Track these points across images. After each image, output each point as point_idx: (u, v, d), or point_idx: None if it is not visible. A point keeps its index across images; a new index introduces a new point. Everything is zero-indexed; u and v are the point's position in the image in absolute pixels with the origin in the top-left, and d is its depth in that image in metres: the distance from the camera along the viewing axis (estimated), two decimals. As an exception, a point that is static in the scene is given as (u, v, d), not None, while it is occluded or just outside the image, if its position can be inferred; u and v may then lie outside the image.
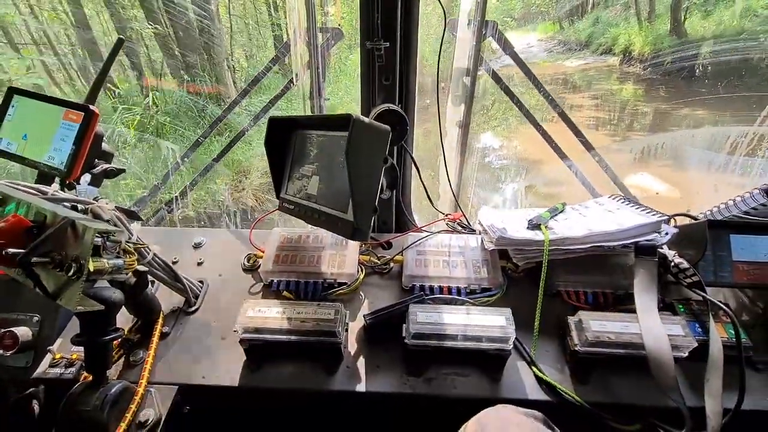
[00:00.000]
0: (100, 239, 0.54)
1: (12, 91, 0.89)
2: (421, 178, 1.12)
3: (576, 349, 0.83)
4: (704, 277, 0.90)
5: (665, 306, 0.94)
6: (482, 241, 1.08)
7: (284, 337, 0.85)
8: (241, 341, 0.86)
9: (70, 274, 0.51)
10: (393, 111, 0.96)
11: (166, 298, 1.00)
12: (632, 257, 0.95)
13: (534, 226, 1.02)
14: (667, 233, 0.94)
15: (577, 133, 1.19)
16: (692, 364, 0.81)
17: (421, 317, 0.85)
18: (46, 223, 0.55)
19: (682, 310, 0.92)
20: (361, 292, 1.03)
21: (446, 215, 1.18)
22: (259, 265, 1.07)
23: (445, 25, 1.07)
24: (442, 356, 0.84)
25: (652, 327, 0.80)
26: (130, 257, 0.62)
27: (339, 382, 0.86)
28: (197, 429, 0.93)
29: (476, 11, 1.05)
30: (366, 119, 0.74)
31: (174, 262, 1.12)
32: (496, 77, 1.13)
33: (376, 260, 1.09)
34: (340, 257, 1.05)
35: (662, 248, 0.97)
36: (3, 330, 0.90)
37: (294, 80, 1.20)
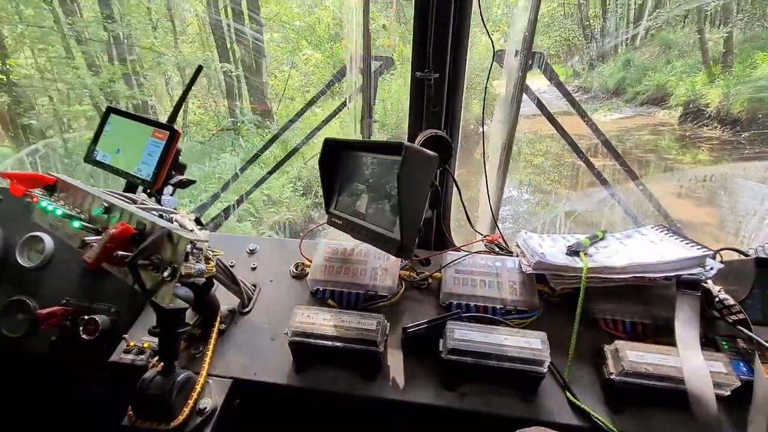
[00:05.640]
0: (189, 247, 0.63)
1: (109, 110, 1.03)
2: (462, 199, 1.17)
3: (612, 377, 0.84)
4: (751, 315, 0.89)
5: (708, 341, 0.93)
6: (520, 263, 1.11)
7: (329, 342, 0.92)
8: (290, 343, 0.94)
9: (165, 275, 0.61)
10: (440, 137, 1.02)
11: (223, 299, 1.10)
12: (674, 289, 0.94)
13: (573, 252, 1.04)
14: (712, 268, 0.93)
15: (622, 162, 1.20)
16: (735, 404, 0.80)
17: (458, 334, 0.89)
18: (146, 231, 0.65)
19: (725, 346, 0.91)
20: (400, 305, 1.09)
21: (484, 236, 1.22)
22: (307, 274, 1.15)
23: (493, 57, 1.12)
24: (477, 373, 0.88)
25: (693, 362, 0.80)
26: (210, 263, 0.72)
27: (377, 388, 0.92)
28: (244, 421, 1.01)
29: (523, 43, 1.10)
30: (417, 147, 0.81)
31: (231, 266, 1.22)
32: (540, 105, 1.17)
33: (415, 276, 1.14)
34: (382, 271, 1.11)
35: (706, 283, 0.96)
36: (87, 317, 1.04)
37: (347, 102, 1.29)
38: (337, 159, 1.08)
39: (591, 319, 1.00)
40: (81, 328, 1.02)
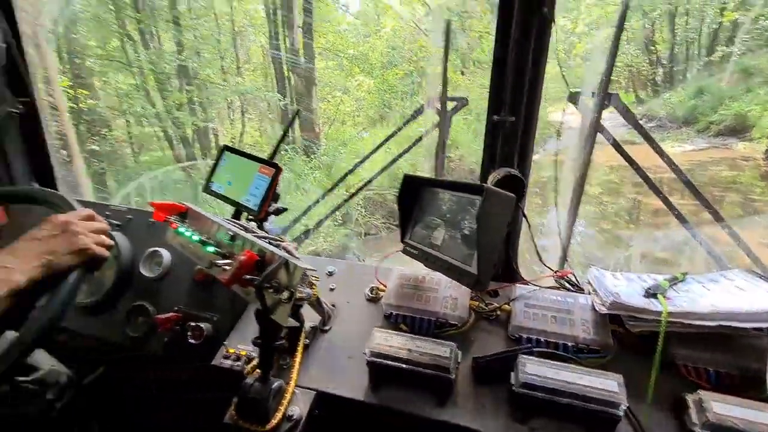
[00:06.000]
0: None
1: (224, 149, 1.21)
2: (532, 235, 1.21)
3: (694, 430, 0.82)
4: None
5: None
6: (593, 301, 1.11)
7: (404, 365, 0.99)
8: (369, 363, 1.02)
9: (284, 298, 0.73)
10: (513, 176, 1.08)
11: (306, 316, 1.22)
12: (767, 341, 0.90)
13: (651, 294, 1.03)
14: (811, 321, 0.88)
15: (707, 204, 1.16)
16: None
17: (530, 368, 0.92)
18: (266, 258, 0.78)
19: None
20: (469, 334, 1.13)
21: (555, 271, 1.24)
22: (381, 298, 1.24)
23: (569, 98, 1.17)
24: (549, 409, 0.90)
25: (789, 421, 0.76)
26: (314, 288, 0.83)
27: (448, 414, 0.97)
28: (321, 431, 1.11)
29: (600, 85, 1.14)
30: (496, 189, 0.87)
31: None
32: (616, 144, 1.18)
33: (484, 306, 1.19)
34: (452, 300, 1.17)
35: (806, 336, 0.90)
36: (194, 324, 1.20)
37: (423, 137, 1.40)
38: (415, 194, 1.18)
39: (670, 363, 0.97)
40: (189, 333, 1.19)
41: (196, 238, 0.89)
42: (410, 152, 1.51)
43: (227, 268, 0.79)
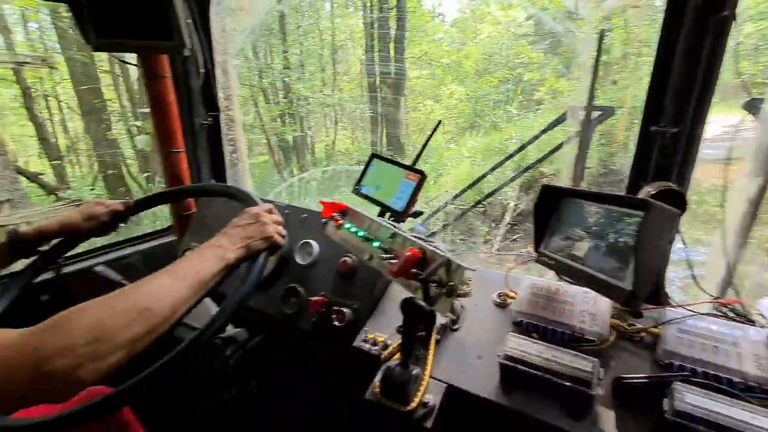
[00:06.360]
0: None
1: (373, 156, 1.37)
2: (688, 255, 1.11)
3: None
4: None
5: None
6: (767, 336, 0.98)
7: (539, 372, 1.00)
8: (501, 365, 1.06)
9: (445, 292, 0.81)
10: (674, 191, 1.01)
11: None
12: None
13: None
14: None
15: None
16: None
17: (690, 398, 0.86)
18: (427, 255, 0.88)
19: None
20: (608, 353, 1.09)
21: (715, 298, 1.11)
22: (509, 304, 1.27)
23: (746, 106, 1.05)
24: (710, 446, 0.83)
25: None
26: (467, 287, 0.91)
27: (584, 428, 0.95)
28: (447, 426, 1.17)
29: (789, 92, 1.00)
30: (661, 204, 0.84)
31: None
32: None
33: (626, 326, 1.13)
34: (590, 315, 1.14)
35: None
36: (337, 308, 1.37)
37: (562, 146, 1.38)
38: (553, 204, 1.18)
39: None
40: (333, 316, 1.36)
41: (361, 233, 1.03)
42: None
43: (392, 261, 0.91)
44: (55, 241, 1.27)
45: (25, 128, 8.00)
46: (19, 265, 1.24)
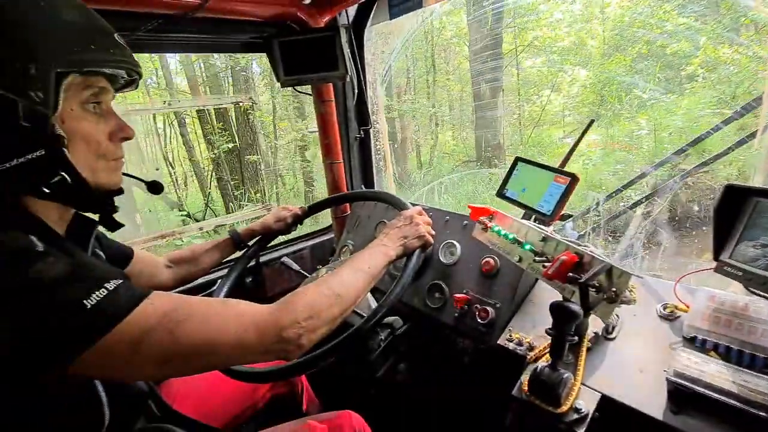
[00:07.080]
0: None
1: (517, 160, 1.39)
2: None
3: None
4: None
5: None
6: None
7: (723, 397, 0.89)
8: (669, 382, 0.98)
9: (605, 298, 0.81)
10: None
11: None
12: None
13: None
14: None
15: None
16: None
17: None
18: (584, 260, 0.88)
19: None
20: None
21: None
22: (678, 317, 1.14)
23: None
24: None
25: None
26: (633, 294, 0.88)
27: None
28: None
29: None
30: None
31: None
32: None
33: None
34: (798, 340, 0.95)
35: None
36: (480, 306, 1.44)
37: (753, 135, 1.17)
38: (741, 206, 1.02)
39: None
40: (477, 313, 1.43)
41: (511, 236, 1.09)
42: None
43: (545, 264, 0.94)
44: (256, 238, 1.67)
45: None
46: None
